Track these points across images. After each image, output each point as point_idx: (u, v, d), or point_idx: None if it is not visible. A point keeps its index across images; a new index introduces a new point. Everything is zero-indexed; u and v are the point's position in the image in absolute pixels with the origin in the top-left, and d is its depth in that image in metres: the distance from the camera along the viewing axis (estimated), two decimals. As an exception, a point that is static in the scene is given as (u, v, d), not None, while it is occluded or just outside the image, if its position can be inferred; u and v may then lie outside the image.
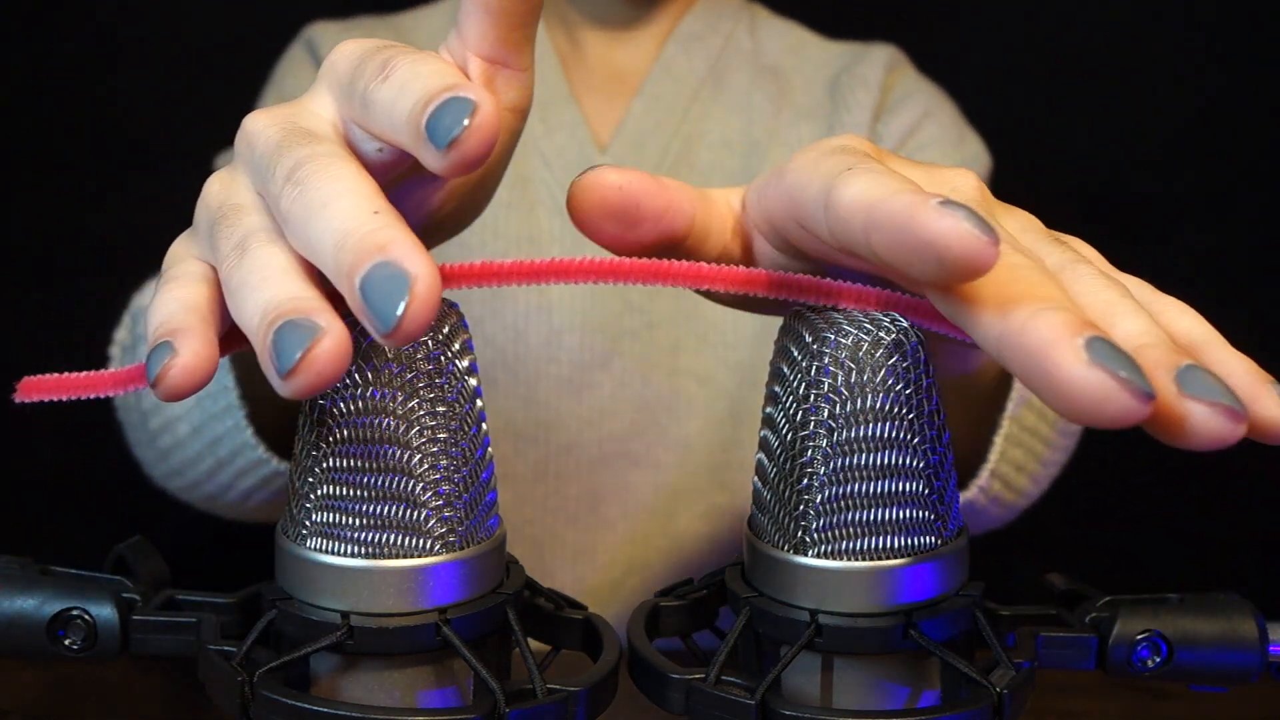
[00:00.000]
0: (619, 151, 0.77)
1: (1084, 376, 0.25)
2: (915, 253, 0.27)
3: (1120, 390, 0.25)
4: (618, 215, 0.35)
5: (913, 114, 0.79)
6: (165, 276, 0.33)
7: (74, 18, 1.12)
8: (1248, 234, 1.17)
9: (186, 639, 0.36)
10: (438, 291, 0.28)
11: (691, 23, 0.81)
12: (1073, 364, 0.25)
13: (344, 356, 0.28)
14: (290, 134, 0.32)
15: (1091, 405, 0.25)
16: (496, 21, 0.34)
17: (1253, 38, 1.15)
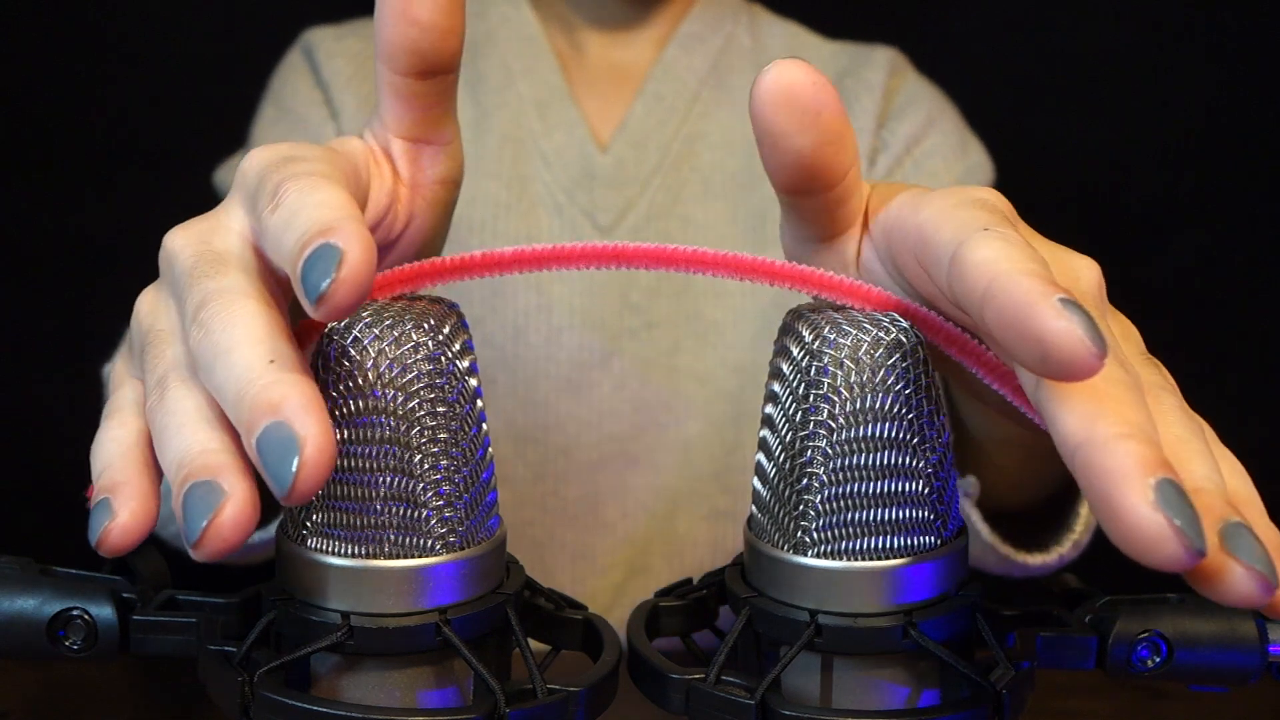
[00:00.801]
0: (620, 151, 0.77)
1: (1145, 517, 0.26)
2: (1023, 339, 0.27)
3: (1174, 540, 0.26)
4: (800, 109, 0.33)
5: (916, 121, 0.79)
6: (108, 408, 0.34)
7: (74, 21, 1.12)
8: (1247, 236, 1.17)
9: (186, 639, 0.36)
10: (328, 451, 0.28)
11: (692, 23, 0.80)
12: (1138, 502, 0.26)
13: (246, 520, 0.29)
14: (201, 260, 0.32)
15: (1143, 545, 0.26)
16: (412, 105, 0.35)
17: (1252, 41, 1.15)
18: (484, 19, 0.81)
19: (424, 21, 0.34)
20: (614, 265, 0.34)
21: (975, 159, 0.80)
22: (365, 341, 0.33)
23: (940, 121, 0.80)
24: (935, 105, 0.81)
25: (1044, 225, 0.35)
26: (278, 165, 0.33)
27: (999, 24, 1.15)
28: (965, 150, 0.80)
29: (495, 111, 0.78)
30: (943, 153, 0.78)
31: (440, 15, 0.34)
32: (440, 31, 0.34)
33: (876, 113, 0.79)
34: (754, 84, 0.33)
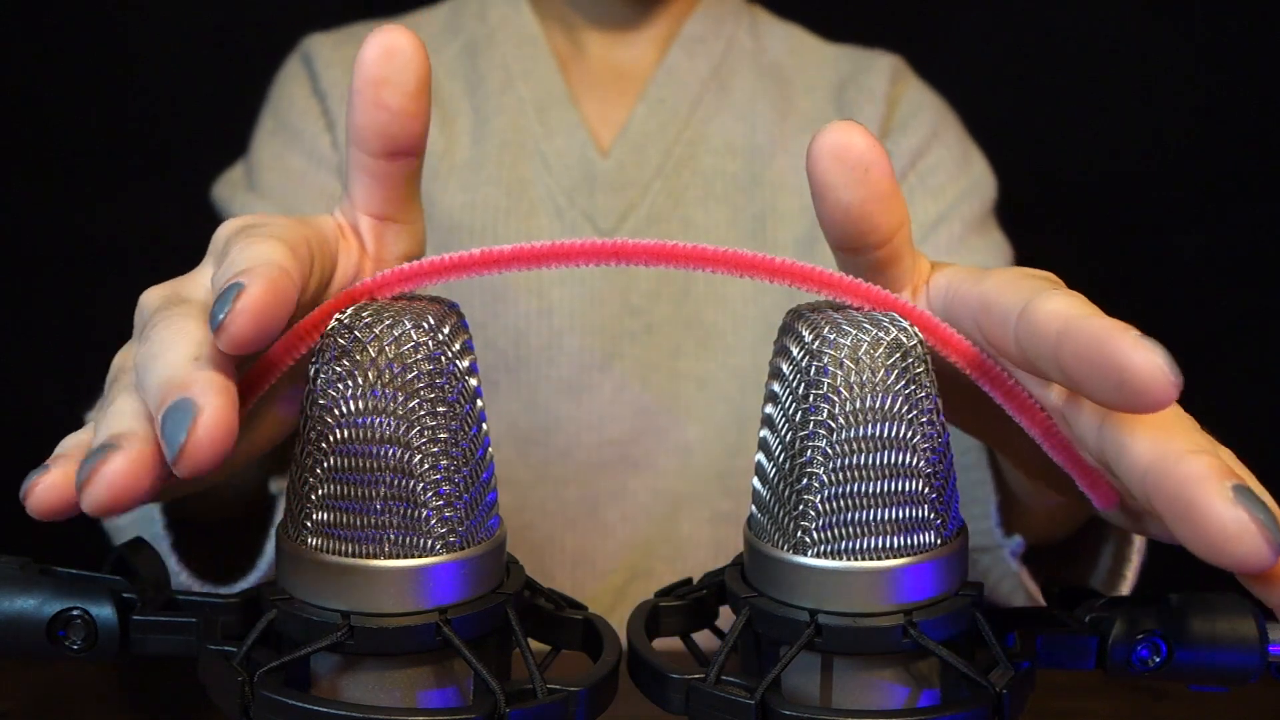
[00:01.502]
0: (621, 155, 0.77)
1: (1228, 513, 0.27)
2: (1102, 371, 0.29)
3: (1256, 533, 0.27)
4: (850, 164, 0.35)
5: (920, 135, 0.79)
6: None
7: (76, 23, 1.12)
8: (1247, 236, 1.17)
9: (186, 639, 0.36)
10: (225, 427, 0.29)
11: (694, 24, 0.80)
12: (1219, 501, 0.28)
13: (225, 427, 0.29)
14: (166, 303, 0.34)
15: (1226, 541, 0.28)
16: (380, 184, 0.37)
17: (1248, 42, 1.15)
18: (484, 21, 0.81)
19: (393, 107, 0.36)
20: (613, 262, 0.35)
21: (977, 171, 0.80)
22: (365, 341, 0.33)
23: (943, 134, 0.80)
24: (938, 116, 0.81)
25: (1044, 225, 0.36)
26: (235, 233, 0.35)
27: (999, 24, 1.15)
28: (968, 163, 0.80)
29: (494, 116, 0.78)
30: (946, 167, 0.79)
31: (408, 101, 0.36)
32: (407, 116, 0.36)
33: (879, 121, 0.79)
34: (812, 140, 0.35)
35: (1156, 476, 0.29)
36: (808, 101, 0.80)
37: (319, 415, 0.34)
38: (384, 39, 0.35)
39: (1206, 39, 1.16)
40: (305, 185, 0.77)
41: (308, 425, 0.34)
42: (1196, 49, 1.16)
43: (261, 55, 0.84)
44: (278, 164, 0.78)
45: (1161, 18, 1.15)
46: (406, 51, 0.35)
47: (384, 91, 0.35)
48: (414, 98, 0.36)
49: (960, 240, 0.76)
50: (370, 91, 0.36)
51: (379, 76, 0.35)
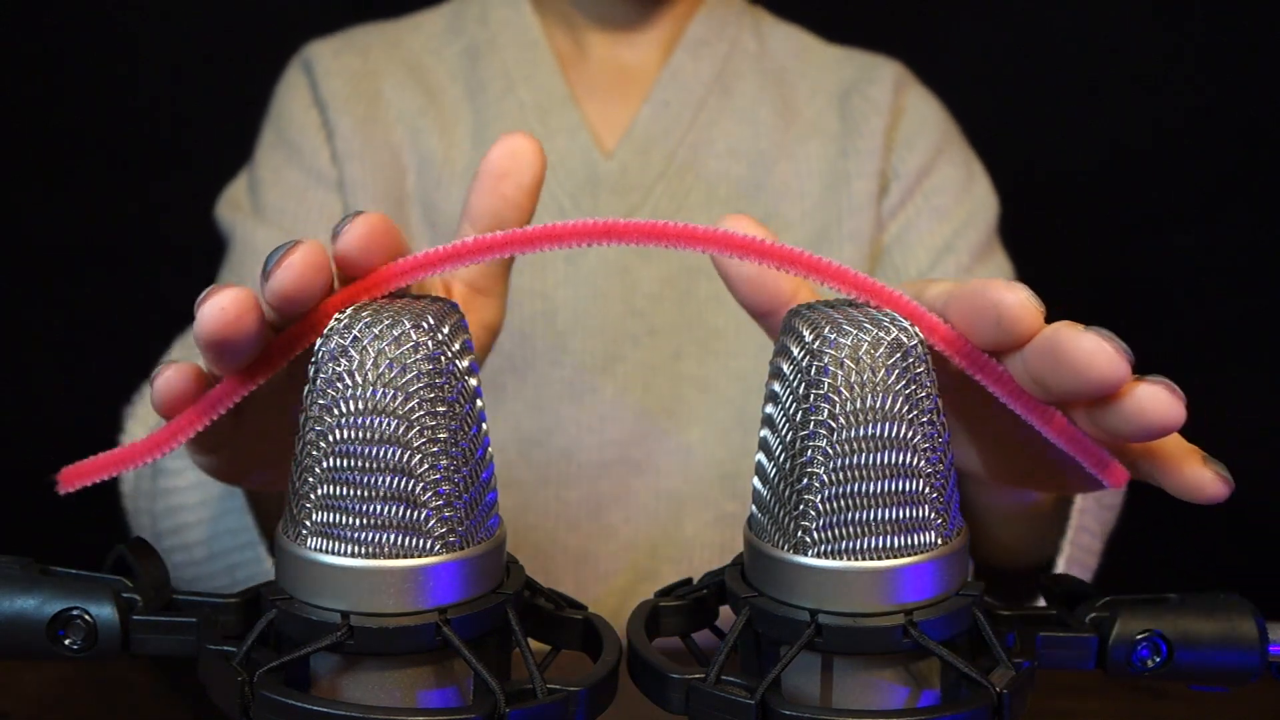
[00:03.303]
0: (625, 158, 0.77)
1: (1087, 339, 0.33)
2: (981, 313, 0.35)
3: (1111, 349, 0.33)
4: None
5: (926, 152, 0.79)
6: None
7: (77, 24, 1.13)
8: (1245, 235, 1.17)
9: (186, 639, 0.36)
10: (317, 261, 0.34)
11: (698, 26, 0.80)
12: (1079, 334, 0.34)
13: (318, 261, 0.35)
14: None
15: (1091, 358, 0.33)
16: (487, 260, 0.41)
17: (1248, 42, 1.15)
18: (485, 24, 0.80)
19: (508, 197, 0.42)
20: (605, 241, 0.36)
21: (981, 192, 0.80)
22: (365, 341, 0.33)
23: (947, 150, 0.80)
24: (942, 130, 0.81)
25: (1044, 226, 0.36)
26: None
27: (1000, 24, 1.15)
28: (971, 182, 0.80)
29: (496, 120, 0.78)
30: (951, 188, 0.79)
31: (522, 195, 0.42)
32: (517, 207, 0.43)
33: (884, 133, 0.79)
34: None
35: (1039, 342, 0.34)
36: (811, 108, 0.80)
37: (318, 415, 0.34)
38: (512, 141, 0.42)
39: (1206, 39, 1.16)
40: (305, 202, 0.77)
41: (307, 425, 0.34)
42: (1196, 49, 1.16)
43: (264, 56, 0.84)
44: (278, 179, 0.77)
45: (1161, 18, 1.15)
46: (529, 154, 0.42)
47: (504, 183, 0.42)
48: (527, 193, 0.43)
49: (967, 269, 0.77)
50: (491, 181, 0.42)
51: (502, 170, 0.42)
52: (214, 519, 0.65)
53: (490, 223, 0.42)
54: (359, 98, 0.78)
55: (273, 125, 0.80)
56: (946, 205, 0.79)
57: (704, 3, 0.81)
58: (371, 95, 0.78)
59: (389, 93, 0.78)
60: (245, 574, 0.64)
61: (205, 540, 0.65)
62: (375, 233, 0.36)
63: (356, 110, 0.77)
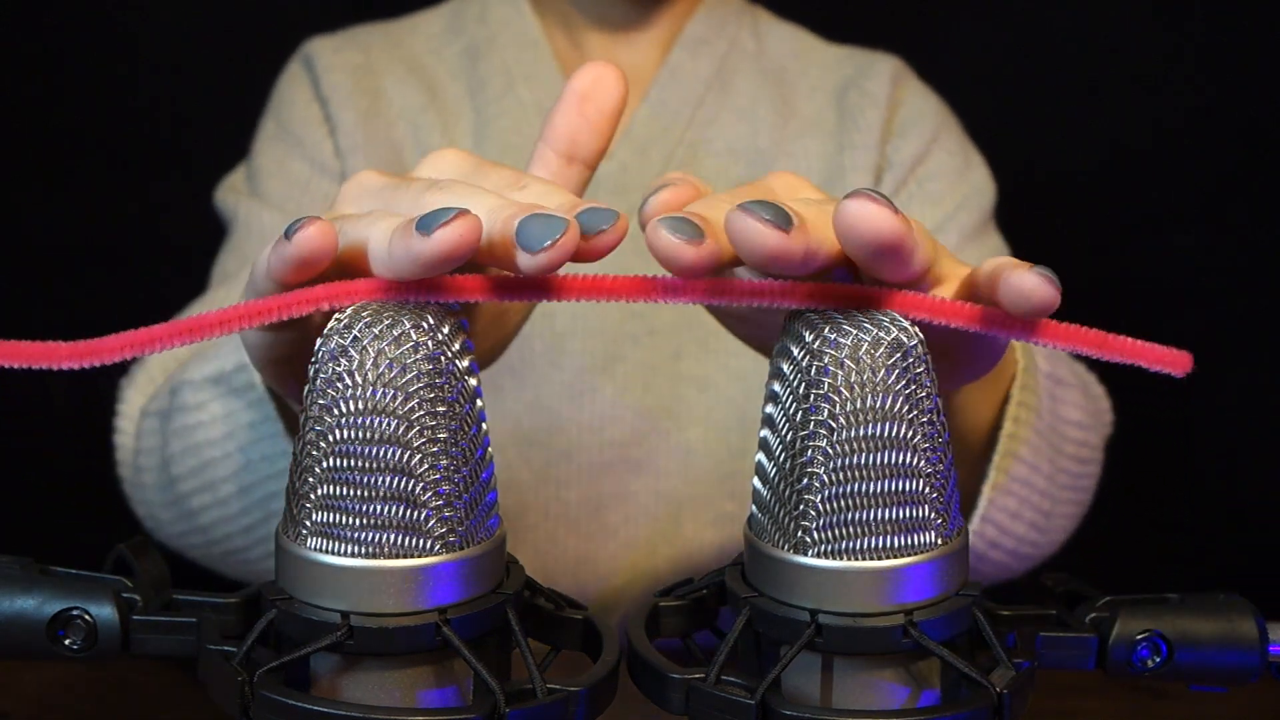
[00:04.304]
0: (623, 157, 0.77)
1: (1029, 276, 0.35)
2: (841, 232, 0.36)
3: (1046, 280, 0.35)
4: None
5: (921, 139, 0.79)
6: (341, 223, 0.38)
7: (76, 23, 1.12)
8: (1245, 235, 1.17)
9: (186, 639, 0.36)
10: (576, 236, 0.35)
11: (696, 25, 0.80)
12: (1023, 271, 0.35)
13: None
14: (404, 177, 0.40)
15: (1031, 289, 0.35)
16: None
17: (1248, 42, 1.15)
18: (485, 24, 0.80)
19: (589, 118, 0.43)
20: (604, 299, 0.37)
21: (977, 179, 0.80)
22: (365, 341, 0.33)
23: (944, 139, 0.80)
24: (938, 121, 0.81)
25: (1044, 226, 0.36)
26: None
27: (1000, 24, 1.15)
28: (967, 169, 0.80)
29: (496, 119, 0.77)
30: (945, 175, 0.79)
31: (601, 120, 0.43)
32: (595, 131, 0.43)
33: (881, 125, 0.79)
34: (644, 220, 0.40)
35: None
36: (810, 105, 0.80)
37: (318, 415, 0.34)
38: (596, 67, 0.43)
39: (1206, 39, 1.16)
40: (308, 192, 0.76)
41: (307, 425, 0.34)
42: (1196, 49, 1.16)
43: (263, 56, 0.84)
44: (280, 170, 0.77)
45: (1161, 18, 1.15)
46: (611, 81, 0.43)
47: (585, 105, 0.43)
48: (607, 118, 0.43)
49: (957, 250, 0.76)
50: (574, 101, 0.43)
51: (584, 92, 0.43)
52: (244, 449, 0.62)
53: (567, 144, 0.43)
54: (361, 93, 0.78)
55: (273, 118, 0.80)
56: (940, 191, 0.78)
57: (703, 2, 0.81)
58: (373, 91, 0.78)
59: (390, 89, 0.78)
60: (280, 505, 0.60)
61: (235, 474, 0.63)
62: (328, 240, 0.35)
63: (359, 105, 0.77)
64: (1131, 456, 0.74)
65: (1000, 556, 0.65)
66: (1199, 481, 1.12)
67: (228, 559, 0.66)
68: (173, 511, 0.66)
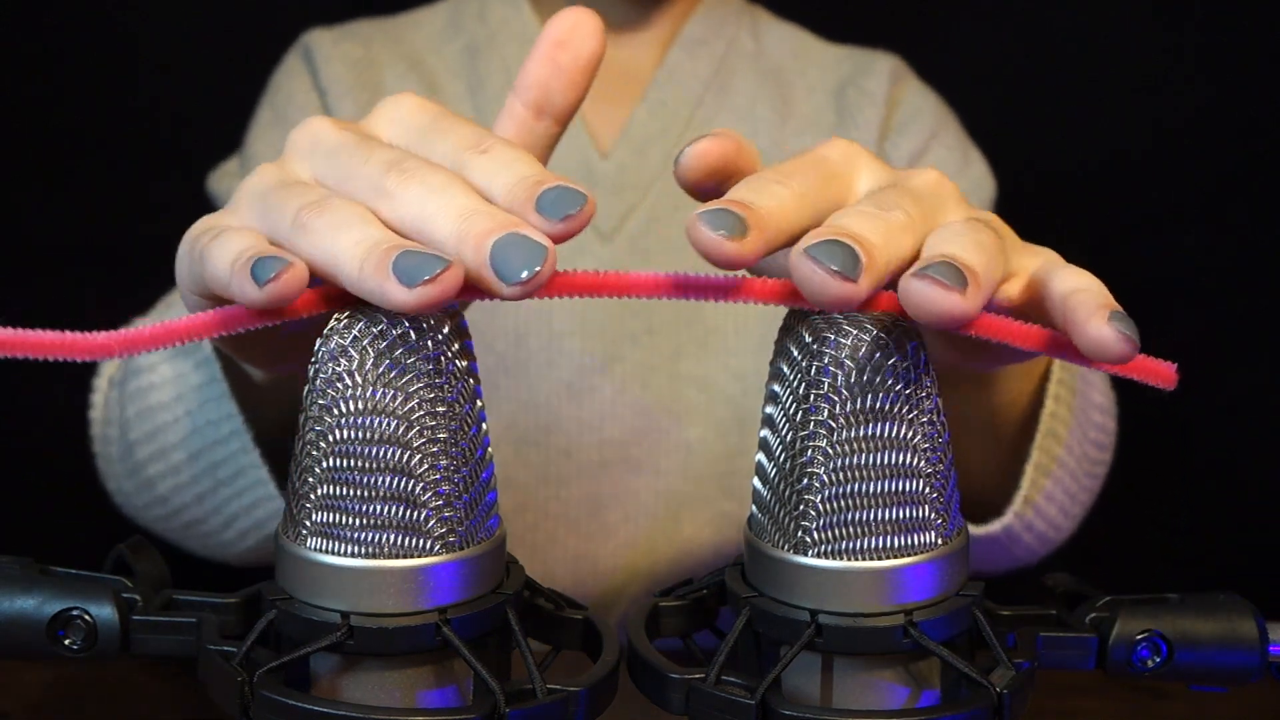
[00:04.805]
0: (622, 157, 0.77)
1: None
2: None
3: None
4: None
5: (920, 136, 0.79)
6: (212, 235, 0.36)
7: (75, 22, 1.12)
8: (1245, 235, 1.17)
9: (186, 639, 0.36)
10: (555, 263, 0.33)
11: (695, 25, 0.80)
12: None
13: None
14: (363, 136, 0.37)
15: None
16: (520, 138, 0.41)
17: (1248, 42, 1.15)
18: (484, 22, 0.80)
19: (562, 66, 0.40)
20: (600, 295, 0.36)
21: (977, 173, 0.80)
22: (364, 341, 0.33)
23: (942, 135, 0.80)
24: (937, 118, 0.81)
25: (1044, 225, 0.36)
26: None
27: (1000, 24, 1.15)
28: (967, 165, 0.80)
29: (495, 117, 0.77)
30: (945, 170, 0.78)
31: (576, 69, 0.40)
32: (569, 81, 0.40)
33: (879, 124, 0.79)
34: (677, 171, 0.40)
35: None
36: (808, 104, 0.80)
37: (318, 415, 0.34)
38: (575, 13, 0.40)
39: (1206, 39, 1.16)
40: None
41: (307, 425, 0.34)
42: (1196, 49, 1.16)
43: (264, 56, 0.84)
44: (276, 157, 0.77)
45: (1161, 18, 1.15)
46: (589, 27, 0.40)
47: (560, 52, 0.40)
48: (580, 69, 0.40)
49: None
50: (548, 48, 0.40)
51: (560, 38, 0.40)
52: (192, 413, 0.61)
53: (536, 94, 0.40)
54: (361, 86, 0.78)
55: (269, 106, 0.80)
56: None
57: (701, 2, 0.81)
58: (374, 85, 0.78)
59: (391, 85, 0.78)
60: (230, 471, 0.60)
61: (185, 439, 0.61)
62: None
63: (359, 98, 0.77)
64: (1131, 456, 0.74)
65: (1030, 540, 0.64)
66: (1199, 481, 1.12)
67: (189, 532, 0.65)
68: (134, 481, 0.65)
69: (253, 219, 0.37)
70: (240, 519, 0.62)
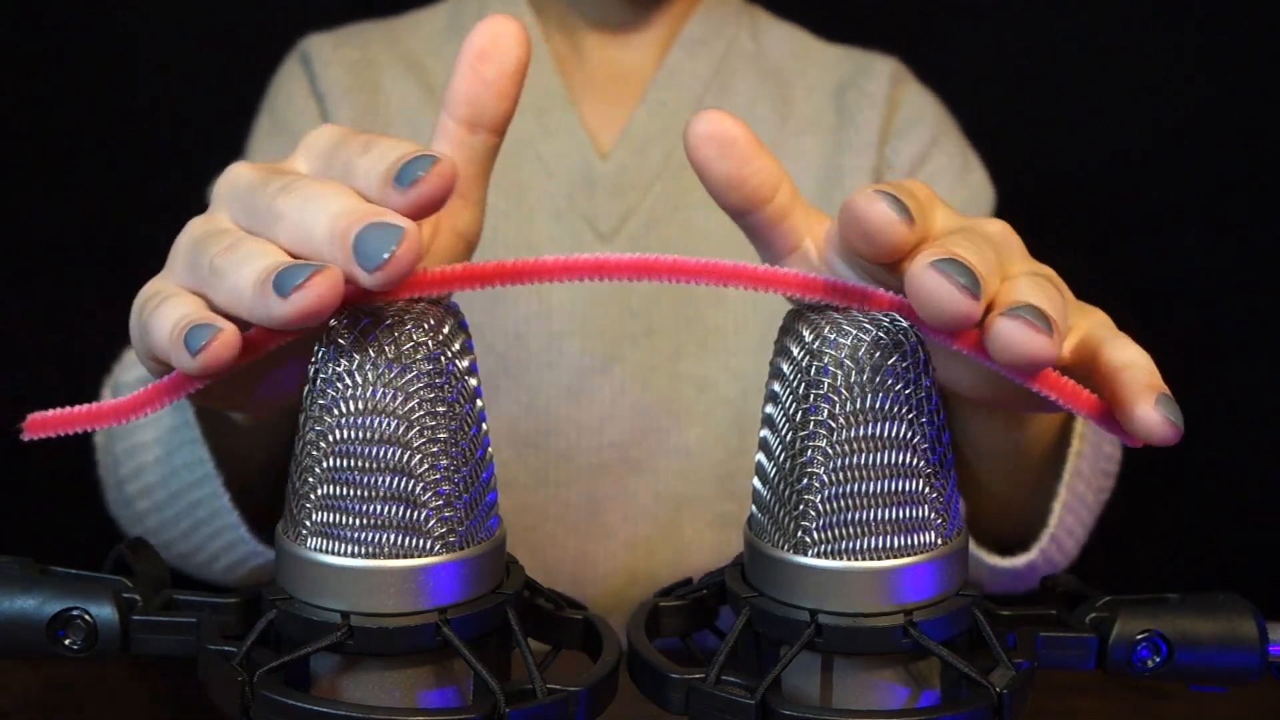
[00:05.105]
0: (621, 157, 0.77)
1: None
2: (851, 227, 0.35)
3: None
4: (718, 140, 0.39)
5: (920, 141, 0.79)
6: (155, 303, 0.36)
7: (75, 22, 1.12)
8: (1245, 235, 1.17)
9: (186, 639, 0.36)
10: (417, 244, 0.32)
11: (694, 26, 0.80)
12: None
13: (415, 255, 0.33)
14: (271, 173, 0.37)
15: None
16: (457, 153, 0.40)
17: (1249, 42, 1.15)
18: (484, 24, 0.80)
19: (488, 79, 0.39)
20: (596, 278, 0.35)
21: (976, 181, 0.80)
22: (365, 341, 0.34)
23: (943, 141, 0.80)
24: (937, 122, 0.81)
25: (1044, 226, 0.36)
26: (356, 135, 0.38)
27: (999, 24, 1.15)
28: (967, 172, 0.80)
29: None
30: (946, 177, 0.79)
31: (503, 79, 0.40)
32: (497, 92, 0.40)
33: (879, 126, 0.79)
34: (685, 131, 0.39)
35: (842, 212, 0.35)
36: (808, 105, 0.80)
37: (319, 415, 0.34)
38: (494, 22, 0.39)
39: (1206, 39, 1.16)
40: None
41: (307, 424, 0.34)
42: (1196, 49, 1.16)
43: (263, 56, 0.84)
44: None
45: (1161, 18, 1.15)
46: (511, 35, 0.39)
47: (483, 64, 0.39)
48: (508, 78, 0.39)
49: None
50: (471, 62, 0.39)
51: (482, 50, 0.39)
52: (169, 454, 0.62)
53: (467, 110, 0.40)
54: (359, 88, 0.78)
55: (269, 113, 0.80)
56: (940, 194, 0.78)
57: (701, 2, 0.81)
58: (371, 86, 0.78)
59: (389, 87, 0.78)
60: (207, 512, 0.61)
61: (164, 479, 0.62)
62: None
63: (357, 101, 0.77)
64: (1131, 456, 0.74)
65: (1045, 569, 0.66)
66: (1199, 481, 1.12)
67: (182, 562, 0.66)
68: (127, 512, 0.66)
69: (185, 276, 0.37)
70: (222, 556, 0.64)
